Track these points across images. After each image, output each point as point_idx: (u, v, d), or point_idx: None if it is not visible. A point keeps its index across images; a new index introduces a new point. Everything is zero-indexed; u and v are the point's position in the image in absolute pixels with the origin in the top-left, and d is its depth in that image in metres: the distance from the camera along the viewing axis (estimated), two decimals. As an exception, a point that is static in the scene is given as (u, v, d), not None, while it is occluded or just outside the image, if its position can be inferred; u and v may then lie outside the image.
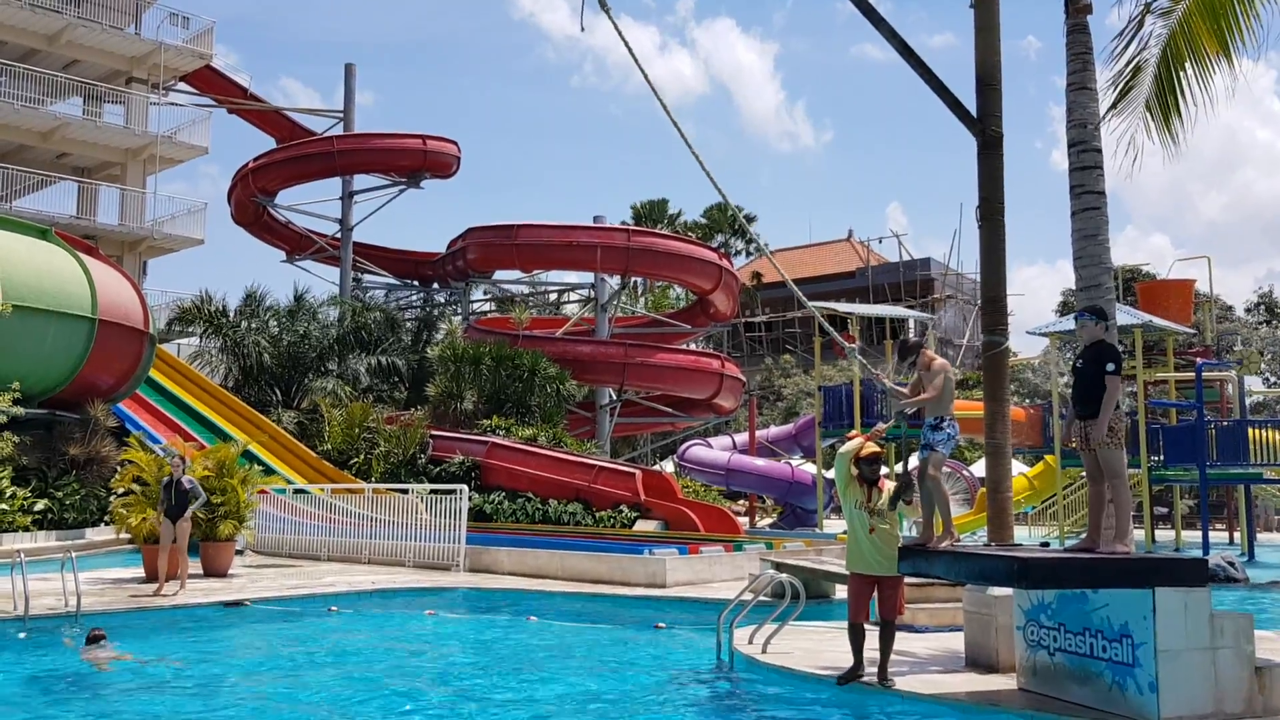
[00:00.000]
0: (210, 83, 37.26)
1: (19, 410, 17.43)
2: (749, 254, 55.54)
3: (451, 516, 16.46)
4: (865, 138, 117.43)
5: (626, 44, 10.05)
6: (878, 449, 8.15)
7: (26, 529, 17.58)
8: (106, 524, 18.63)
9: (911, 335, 54.78)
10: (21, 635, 10.43)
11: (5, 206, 31.68)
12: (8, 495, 17.88)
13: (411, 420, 24.31)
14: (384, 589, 13.90)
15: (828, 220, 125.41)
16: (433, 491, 17.39)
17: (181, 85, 37.05)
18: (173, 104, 36.74)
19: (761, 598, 9.85)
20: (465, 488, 16.84)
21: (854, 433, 10.29)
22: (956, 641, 9.16)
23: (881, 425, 9.16)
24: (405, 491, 17.87)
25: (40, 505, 18.22)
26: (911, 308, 47.80)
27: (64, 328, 19.42)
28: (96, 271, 20.64)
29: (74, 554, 11.31)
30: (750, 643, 9.40)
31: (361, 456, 23.49)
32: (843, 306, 28.35)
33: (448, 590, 13.94)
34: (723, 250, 39.40)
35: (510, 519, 21.06)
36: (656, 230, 41.21)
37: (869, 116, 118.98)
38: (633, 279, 37.39)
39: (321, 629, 11.57)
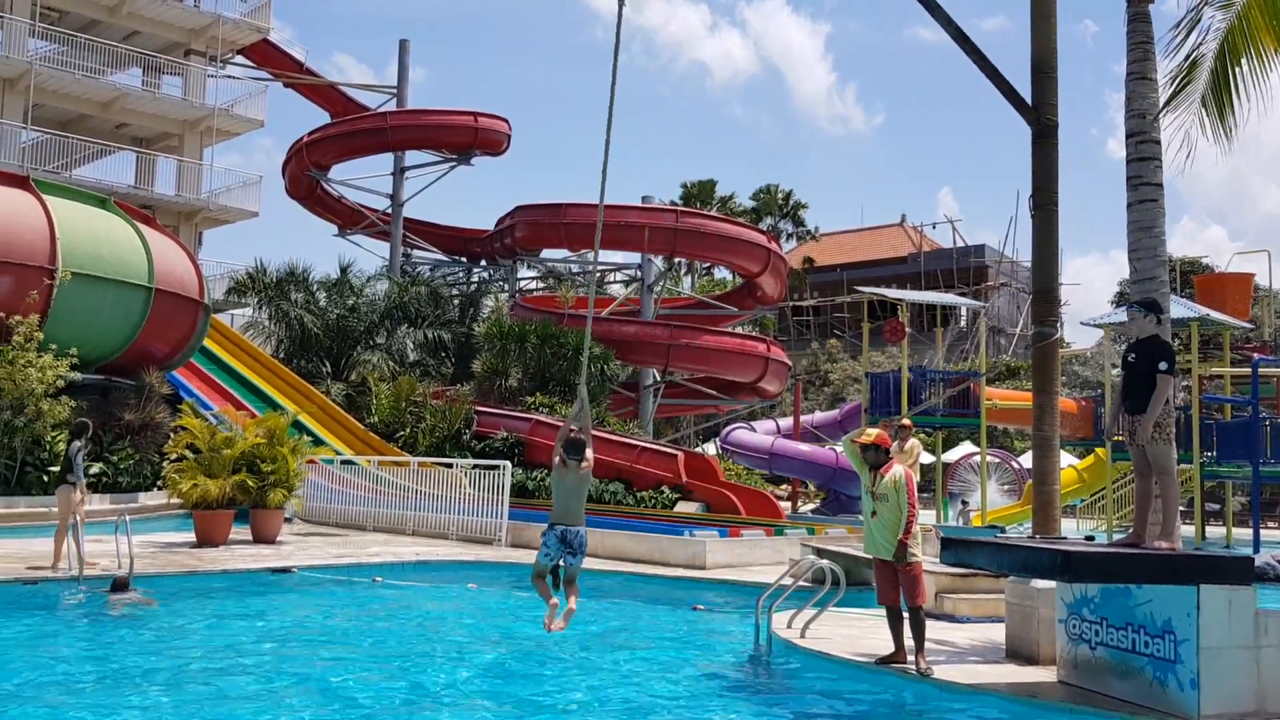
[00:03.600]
0: (267, 56, 37.67)
1: (76, 375, 17.88)
2: (799, 238, 55.20)
3: (494, 492, 16.62)
4: (917, 122, 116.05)
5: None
6: (878, 435, 8.29)
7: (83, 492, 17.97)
8: (159, 489, 19.03)
9: (963, 322, 54.26)
10: (81, 594, 10.73)
11: (65, 175, 32.33)
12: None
13: (457, 396, 24.54)
14: (427, 561, 14.09)
15: (879, 205, 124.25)
16: (476, 466, 17.56)
17: (239, 58, 37.48)
18: (230, 77, 37.22)
19: (801, 583, 9.85)
20: (508, 464, 16.99)
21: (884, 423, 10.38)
22: (997, 632, 9.11)
23: (898, 418, 9.28)
24: (450, 466, 18.06)
25: (95, 469, 18.64)
26: (963, 295, 47.29)
27: (121, 296, 19.78)
28: (153, 241, 20.97)
29: (128, 518, 11.58)
30: (789, 627, 9.40)
31: (408, 430, 23.77)
32: (893, 293, 28.12)
33: (489, 565, 14.09)
34: (771, 233, 39.20)
35: (552, 497, 21.17)
36: (705, 211, 41.08)
37: (921, 100, 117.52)
38: (679, 260, 37.30)
39: (364, 598, 11.77)
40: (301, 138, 33.94)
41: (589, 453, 8.96)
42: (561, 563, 8.84)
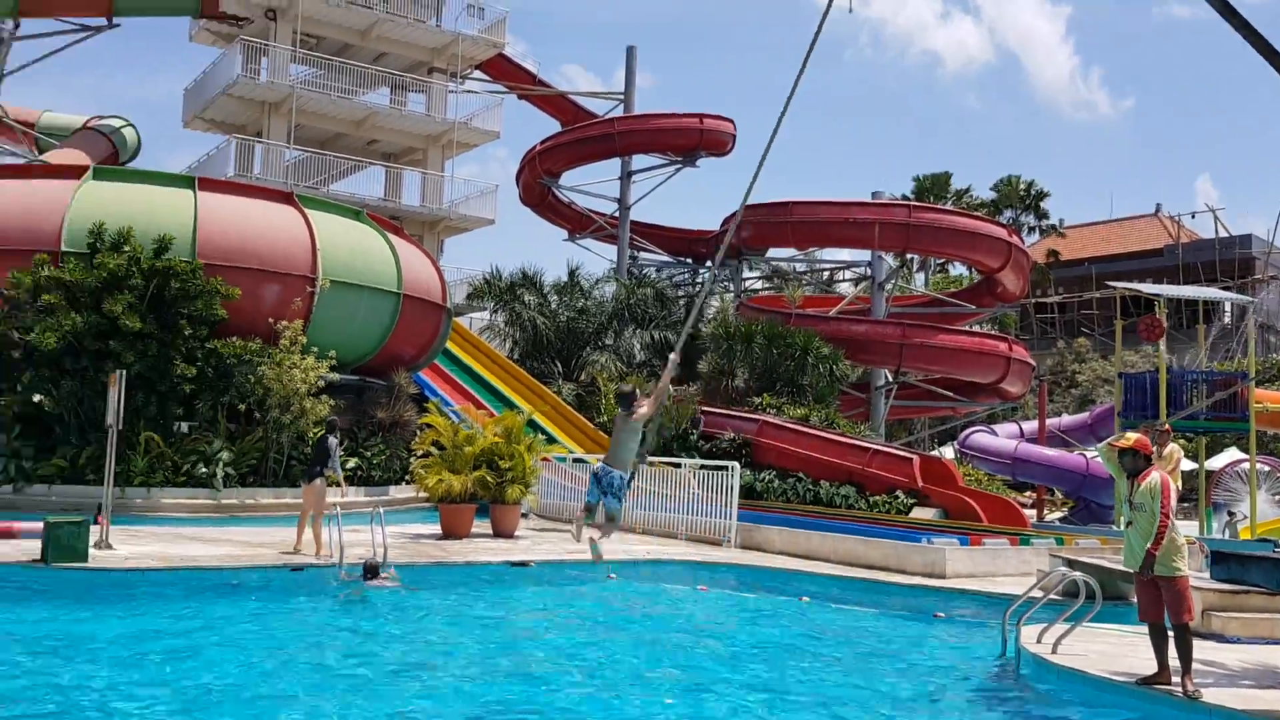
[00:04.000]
0: (502, 70, 39.20)
1: (335, 376, 19.12)
2: (1041, 231, 52.32)
3: (723, 493, 16.50)
4: (1171, 105, 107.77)
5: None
6: (1138, 440, 7.75)
7: (339, 484, 19.18)
8: (407, 483, 20.09)
9: (1227, 318, 49.87)
10: (342, 576, 11.42)
11: (324, 190, 34.81)
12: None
13: (683, 396, 24.62)
14: (657, 559, 14.13)
15: (1130, 194, 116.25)
16: (704, 466, 17.51)
17: (476, 73, 39.20)
18: (469, 91, 38.97)
19: (1052, 595, 9.24)
20: (737, 464, 16.83)
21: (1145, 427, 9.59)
22: (1272, 655, 8.29)
23: (1160, 423, 8.53)
24: (678, 466, 18.10)
25: (351, 463, 19.87)
26: (1227, 289, 43.44)
27: (374, 302, 21.02)
28: (402, 250, 22.18)
29: (381, 510, 12.23)
30: (1039, 641, 8.85)
31: (637, 430, 24.03)
32: (1149, 288, 26.07)
33: (720, 565, 13.98)
34: (1012, 226, 37.30)
35: (780, 498, 20.90)
36: (939, 205, 39.59)
37: (1176, 81, 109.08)
38: (912, 256, 36.10)
39: (602, 594, 11.91)
40: (534, 147, 35.09)
41: (639, 406, 9.13)
42: (602, 502, 9.04)
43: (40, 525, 11.33)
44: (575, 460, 20.33)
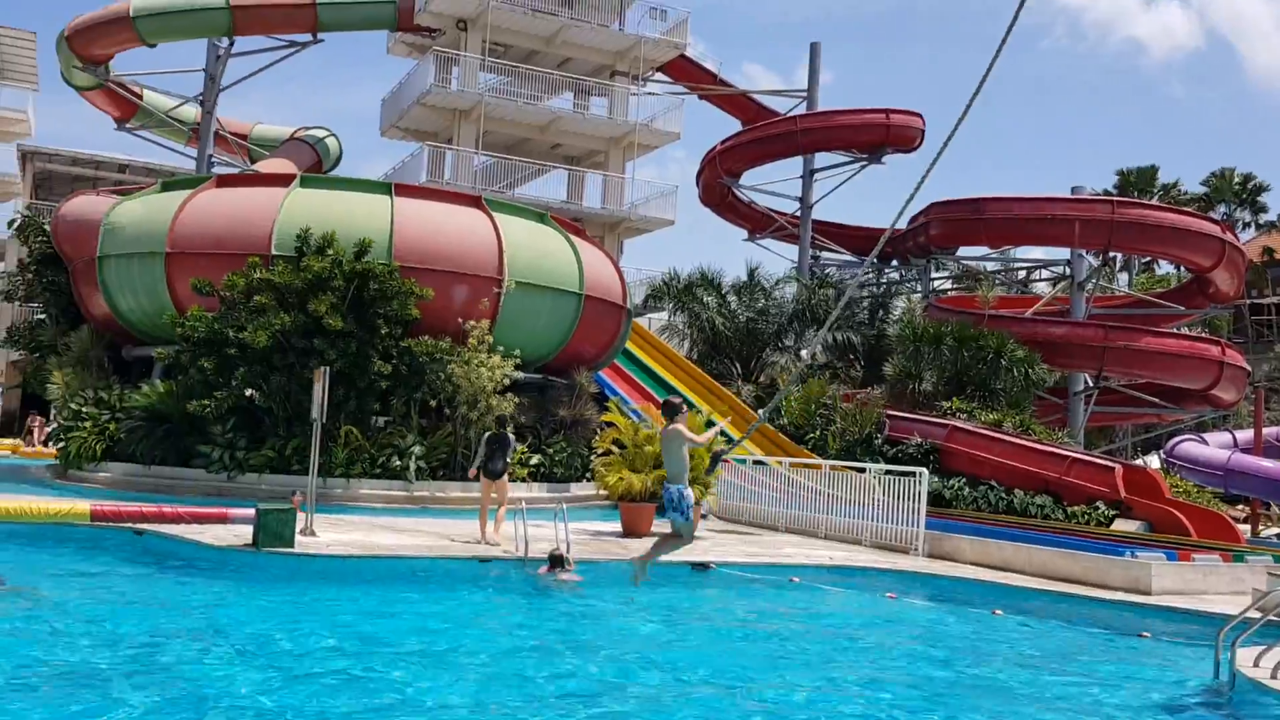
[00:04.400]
0: (683, 71, 39.34)
1: (519, 374, 19.61)
2: (1258, 226, 48.60)
3: (909, 499, 15.96)
4: None
5: None
6: None
7: (524, 480, 19.70)
8: (588, 480, 20.38)
9: None
10: (525, 570, 11.66)
11: (510, 194, 35.81)
12: (509, 449, 20.16)
13: (868, 399, 24.05)
14: (842, 565, 13.79)
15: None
16: (889, 472, 17.00)
17: (658, 75, 39.49)
18: (650, 93, 39.29)
19: (1272, 617, 8.49)
20: (924, 471, 16.26)
21: None
22: None
23: None
24: (862, 470, 17.65)
25: (535, 460, 20.32)
26: None
27: (557, 302, 21.44)
28: (584, 251, 22.54)
29: (564, 506, 12.41)
30: (1256, 665, 8.20)
31: (817, 432, 23.65)
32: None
33: (907, 574, 13.52)
34: (1226, 222, 34.78)
35: (971, 506, 20.11)
36: (1145, 201, 37.31)
37: None
38: (1115, 255, 34.18)
39: (784, 599, 11.72)
40: (714, 146, 35.06)
41: (679, 422, 8.98)
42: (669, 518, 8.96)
43: (251, 512, 12.04)
44: (756, 462, 20.13)
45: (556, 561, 11.37)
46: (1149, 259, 41.71)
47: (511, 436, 14.49)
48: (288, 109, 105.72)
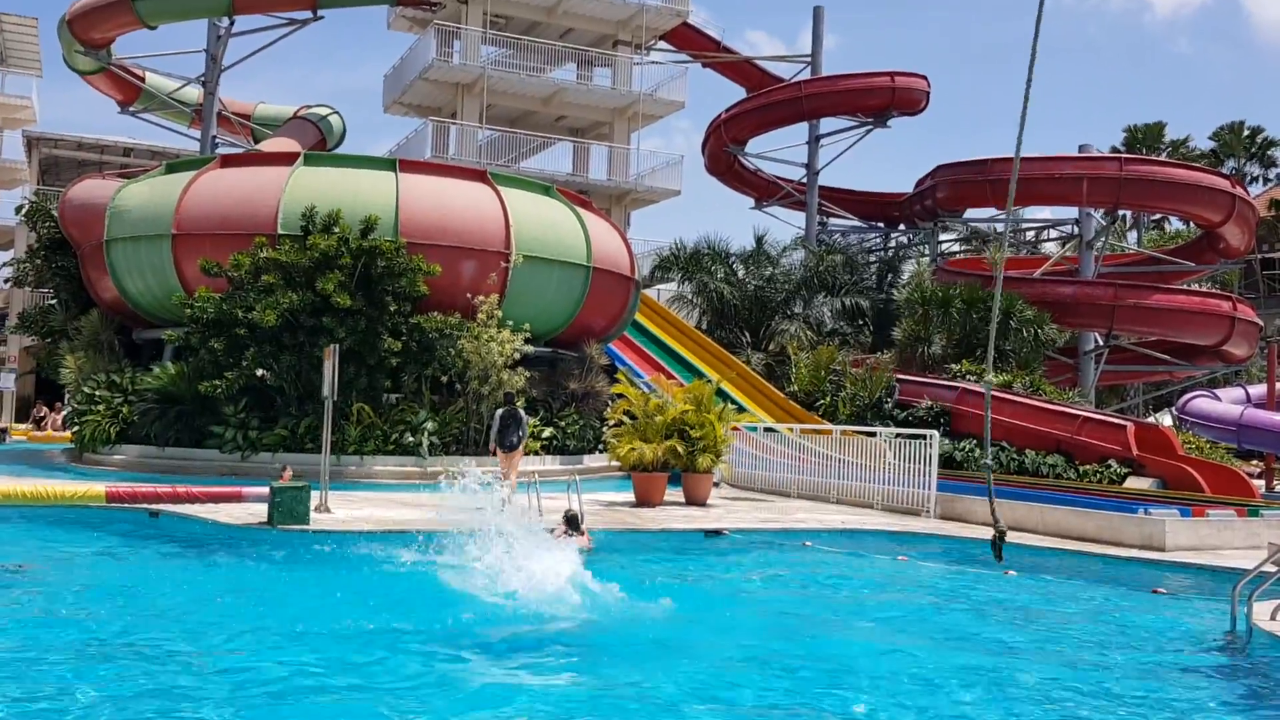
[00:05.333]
0: (686, 39, 39.04)
1: (529, 348, 19.64)
2: (1267, 180, 48.20)
3: (921, 462, 15.99)
4: None
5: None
6: None
7: (537, 453, 19.78)
8: (600, 451, 20.45)
9: None
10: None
11: (515, 167, 35.69)
12: (521, 423, 20.23)
13: (877, 364, 24.05)
14: (854, 529, 13.85)
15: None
16: (899, 436, 17.02)
17: (660, 44, 39.21)
18: (653, 62, 39.03)
19: (1287, 570, 8.50)
20: (935, 433, 16.28)
21: None
22: None
23: None
24: (873, 434, 17.67)
25: (547, 433, 20.39)
26: None
27: (565, 275, 21.41)
28: (591, 223, 22.48)
29: (577, 478, 12.47)
30: (1273, 619, 8.29)
31: (827, 398, 23.67)
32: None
33: (919, 536, 13.57)
34: (1235, 177, 34.49)
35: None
36: (1153, 157, 37.01)
37: None
38: (1124, 213, 33.98)
39: (797, 562, 11.77)
40: (719, 115, 34.87)
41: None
42: None
43: (265, 490, 12.13)
44: (766, 429, 20.17)
45: (571, 522, 11.39)
46: (1158, 216, 41.48)
47: (523, 412, 14.76)
48: (290, 88, 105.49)
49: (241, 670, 6.54)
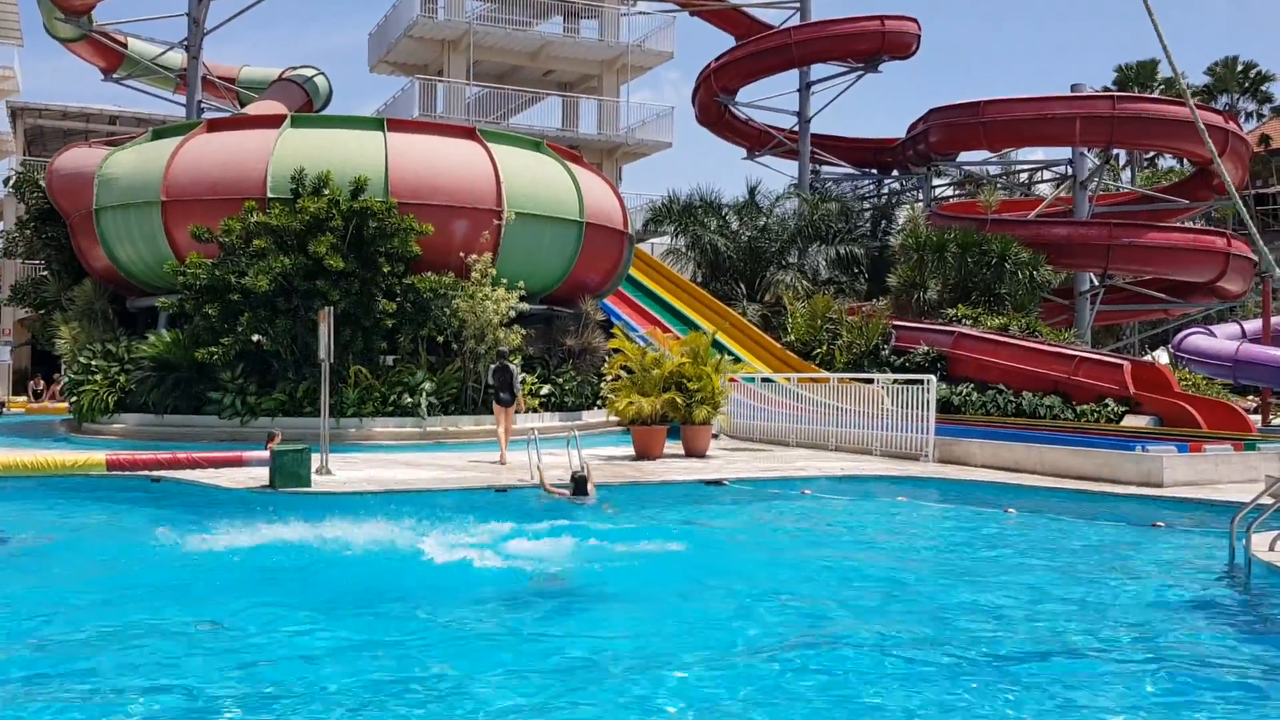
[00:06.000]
0: (674, -14, 38.55)
1: (524, 306, 19.60)
2: (1261, 117, 47.93)
3: (918, 407, 16.05)
4: None
5: None
6: None
7: (535, 410, 19.81)
8: (599, 407, 20.49)
9: None
10: (540, 499, 11.76)
11: (504, 124, 35.42)
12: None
13: (873, 311, 24.03)
14: (853, 475, 13.92)
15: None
16: (897, 382, 17.05)
17: (648, -7, 38.75)
18: (641, 13, 38.58)
19: (1285, 502, 8.58)
20: (932, 378, 16.31)
21: None
22: None
23: None
24: (870, 381, 17.71)
25: (545, 390, 20.41)
26: None
27: (558, 232, 21.31)
28: (582, 178, 22.34)
29: (577, 434, 12.50)
30: (1272, 549, 8.32)
31: (824, 347, 23.69)
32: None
33: (919, 480, 13.65)
34: (1229, 112, 34.29)
35: (979, 411, 20.21)
36: (1146, 95, 36.76)
37: None
38: (1117, 152, 33.78)
39: (799, 510, 11.85)
40: (709, 64, 34.51)
41: None
42: None
43: (266, 454, 12.15)
44: (764, 380, 20.20)
45: (579, 485, 11.33)
46: (1151, 154, 41.29)
47: (514, 366, 15.05)
48: (274, 50, 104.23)
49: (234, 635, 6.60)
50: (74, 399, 19.38)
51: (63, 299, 23.02)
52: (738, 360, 21.88)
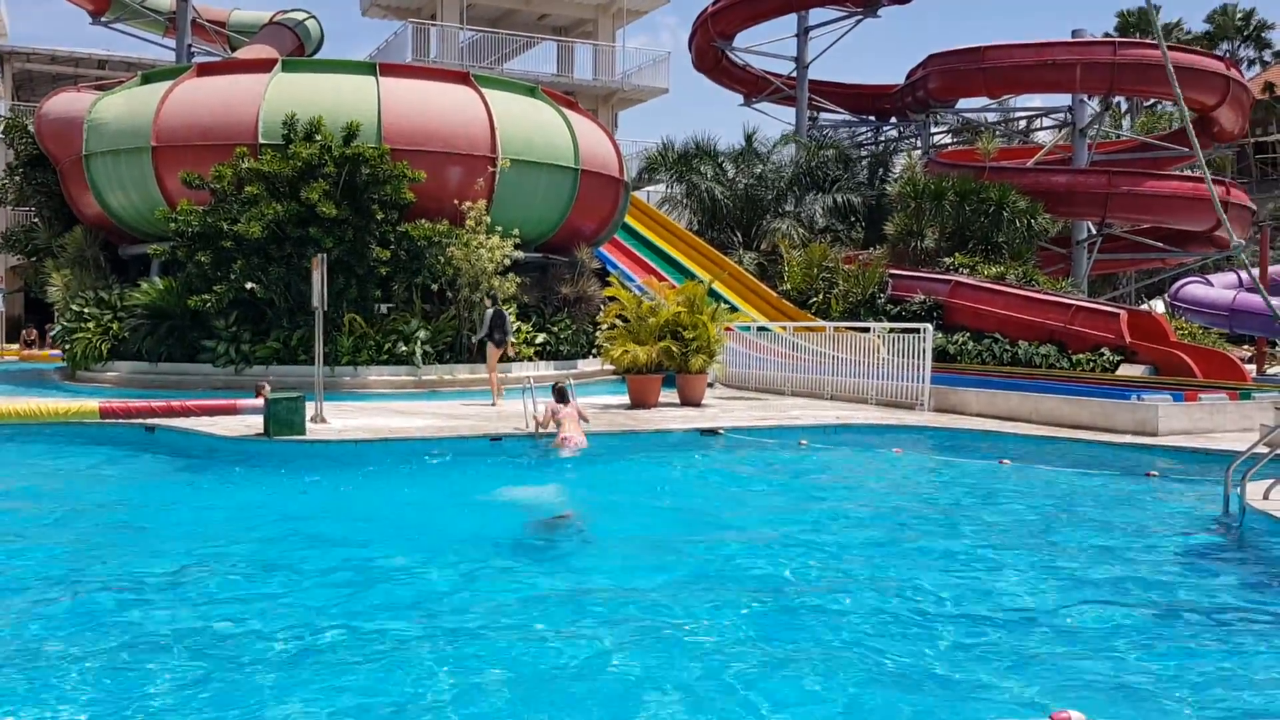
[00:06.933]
0: (670, -70, 37.93)
1: (519, 254, 19.47)
2: (1262, 63, 47.49)
3: (914, 356, 16.03)
4: None
5: None
6: None
7: (530, 359, 19.78)
8: (594, 356, 20.46)
9: None
10: (537, 436, 11.77)
11: (498, 70, 34.96)
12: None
13: (870, 259, 23.94)
14: (848, 424, 13.92)
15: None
16: (893, 330, 17.02)
17: (643, -67, 38.12)
18: (636, -46, 37.99)
19: (1278, 451, 8.59)
20: (929, 327, 16.27)
21: None
22: None
23: None
24: (866, 330, 17.67)
25: (540, 339, 20.36)
26: None
27: (553, 178, 21.12)
28: (578, 125, 22.10)
29: (571, 382, 12.46)
30: (1266, 498, 8.35)
31: (820, 296, 23.62)
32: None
33: (913, 428, 13.66)
34: (1229, 59, 33.92)
35: (975, 360, 20.21)
36: (1147, 40, 36.32)
37: None
38: (1117, 99, 33.47)
39: (794, 459, 11.87)
40: (706, 8, 34.05)
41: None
42: None
43: (260, 401, 12.11)
44: (760, 329, 20.16)
45: (560, 395, 11.70)
46: (1152, 101, 40.93)
47: (504, 311, 16.31)
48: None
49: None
50: (67, 347, 19.31)
51: (54, 246, 22.86)
52: (734, 309, 21.81)
